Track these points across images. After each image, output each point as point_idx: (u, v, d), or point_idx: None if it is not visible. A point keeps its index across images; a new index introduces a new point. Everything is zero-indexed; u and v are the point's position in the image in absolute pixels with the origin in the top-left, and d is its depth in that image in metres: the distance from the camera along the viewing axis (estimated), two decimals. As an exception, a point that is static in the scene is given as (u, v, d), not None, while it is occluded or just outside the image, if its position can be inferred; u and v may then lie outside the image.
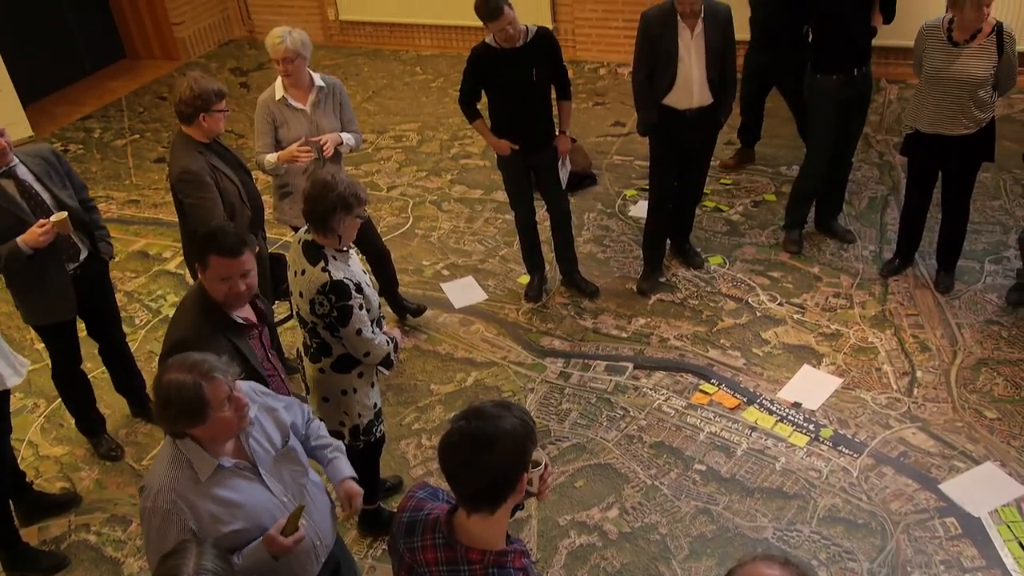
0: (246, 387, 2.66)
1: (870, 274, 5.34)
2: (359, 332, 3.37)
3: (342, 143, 4.63)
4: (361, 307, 3.35)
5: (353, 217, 3.33)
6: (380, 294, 5.21)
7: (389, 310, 5.32)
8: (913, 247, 5.29)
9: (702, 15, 4.73)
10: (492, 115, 4.97)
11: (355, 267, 3.45)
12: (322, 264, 3.31)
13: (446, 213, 6.47)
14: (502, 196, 6.52)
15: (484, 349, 5.12)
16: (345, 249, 3.41)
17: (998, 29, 4.46)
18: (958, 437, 4.22)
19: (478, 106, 4.97)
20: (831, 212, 5.70)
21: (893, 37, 6.96)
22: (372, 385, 3.63)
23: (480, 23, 4.65)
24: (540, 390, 4.77)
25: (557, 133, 5.06)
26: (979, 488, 3.94)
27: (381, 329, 3.54)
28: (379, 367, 3.55)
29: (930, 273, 5.25)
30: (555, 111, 5.00)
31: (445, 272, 5.81)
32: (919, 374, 4.60)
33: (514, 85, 4.78)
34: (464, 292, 5.61)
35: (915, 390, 4.51)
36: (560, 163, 5.12)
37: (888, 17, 5.18)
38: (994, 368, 4.58)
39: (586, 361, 4.94)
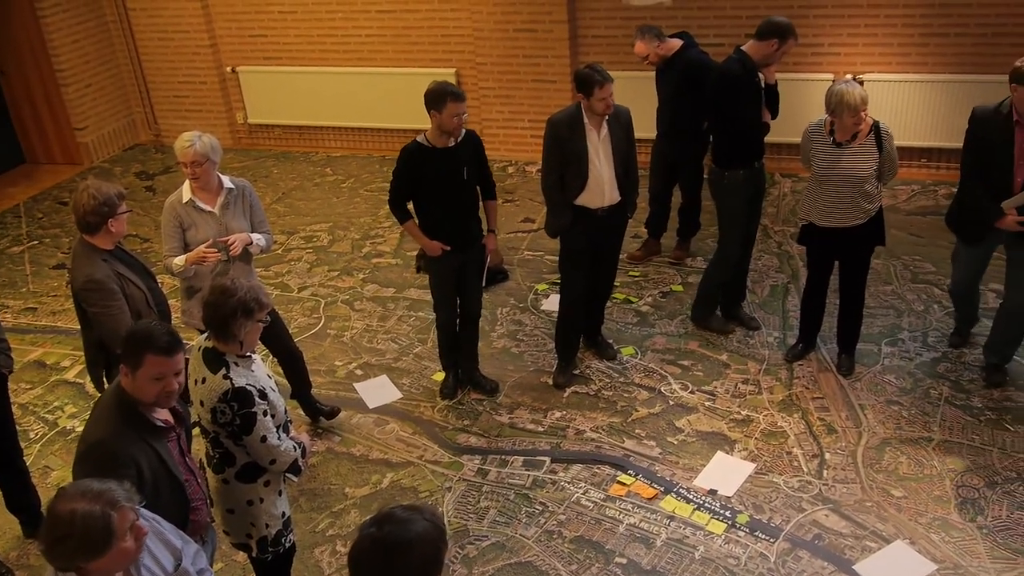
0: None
1: (776, 360, 5.49)
2: (264, 439, 3.28)
3: (251, 243, 4.59)
4: (266, 413, 3.27)
5: (255, 322, 3.27)
6: (292, 396, 5.13)
7: (302, 413, 5.21)
8: (814, 332, 5.49)
9: (610, 114, 4.92)
10: (421, 215, 4.94)
11: (259, 372, 3.37)
12: (223, 371, 3.23)
13: (359, 312, 6.43)
14: (415, 294, 6.55)
15: (400, 449, 5.04)
16: (248, 355, 3.34)
17: (875, 128, 4.77)
18: (868, 517, 4.31)
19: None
20: (736, 300, 5.89)
21: (782, 134, 7.37)
22: (280, 493, 3.52)
23: (388, 124, 4.72)
24: (458, 488, 4.70)
25: (485, 232, 5.11)
26: (891, 567, 4.01)
27: (288, 434, 3.46)
28: (287, 474, 3.45)
29: (832, 357, 5.43)
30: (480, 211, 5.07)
31: (358, 372, 5.74)
32: (827, 456, 4.71)
33: (446, 184, 4.80)
34: (378, 391, 5.53)
35: (825, 472, 4.60)
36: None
37: (774, 114, 5.48)
38: (897, 447, 4.72)
39: (503, 457, 4.90)
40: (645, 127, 8.41)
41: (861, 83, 7.56)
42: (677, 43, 6.19)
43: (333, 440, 5.12)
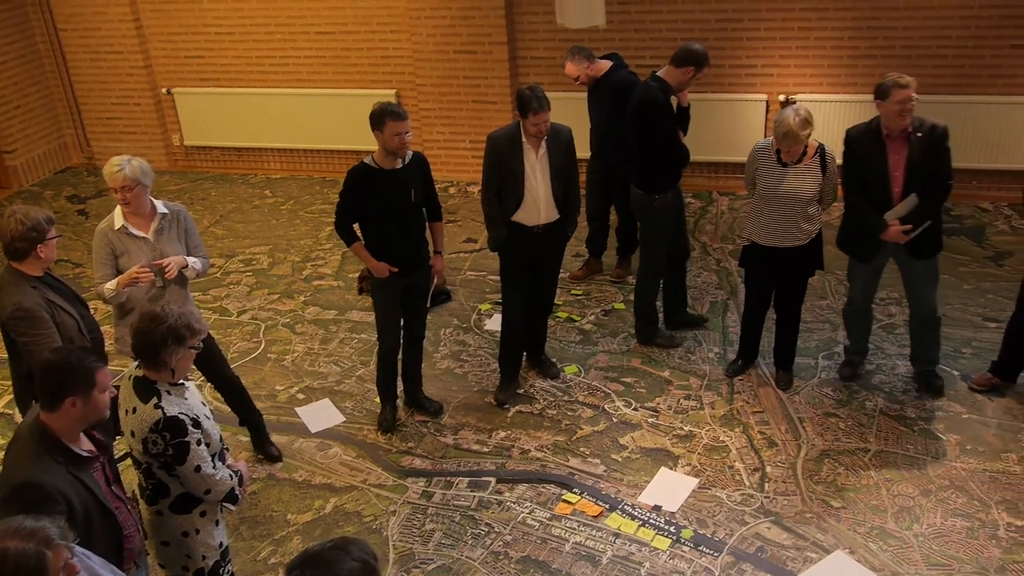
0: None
1: (717, 375, 5.57)
2: (198, 469, 3.20)
3: (187, 266, 4.51)
4: (200, 442, 3.20)
5: (186, 349, 3.20)
6: (241, 425, 5.03)
7: (242, 439, 5.11)
8: (754, 348, 5.58)
9: (545, 136, 4.97)
10: (369, 237, 4.90)
11: (193, 400, 3.30)
12: (155, 400, 3.16)
13: (300, 335, 6.35)
14: (357, 316, 6.50)
15: (343, 473, 4.97)
16: (181, 382, 3.27)
17: (821, 151, 4.90)
18: (809, 528, 4.38)
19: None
20: (679, 308, 6.03)
21: (719, 153, 7.54)
22: (217, 523, 3.44)
23: (329, 146, 4.69)
24: (402, 512, 4.65)
25: (432, 253, 5.10)
26: (832, 577, 4.08)
27: (224, 463, 3.38)
28: (224, 503, 3.38)
29: (771, 372, 5.53)
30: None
31: (300, 396, 5.66)
32: (768, 469, 4.77)
33: (394, 206, 4.78)
34: (320, 415, 5.46)
35: (766, 485, 4.67)
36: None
37: (685, 131, 5.58)
38: (835, 458, 4.81)
39: (448, 478, 4.86)
40: (583, 147, 8.52)
41: (794, 104, 7.75)
42: (607, 64, 6.29)
43: (275, 466, 5.03)
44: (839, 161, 5.01)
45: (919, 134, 4.72)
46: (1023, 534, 4.24)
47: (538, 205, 5.06)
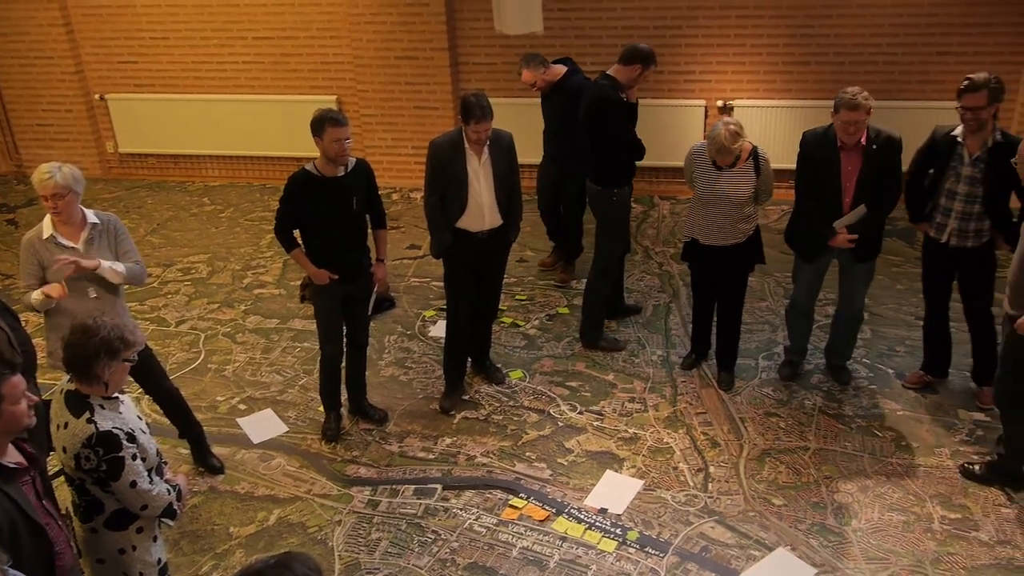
0: None
1: (660, 378, 5.63)
2: (134, 484, 3.12)
3: (99, 266, 4.27)
4: (135, 457, 3.12)
5: (120, 362, 3.12)
6: (180, 437, 4.92)
7: (182, 452, 5.01)
8: (706, 340, 5.67)
9: (487, 142, 4.97)
10: (309, 244, 4.85)
11: (128, 413, 3.22)
12: (87, 415, 3.07)
13: (241, 345, 6.24)
14: (299, 324, 6.42)
15: (287, 484, 4.90)
16: (115, 396, 3.19)
17: (754, 153, 4.99)
18: (752, 526, 4.44)
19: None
20: (617, 302, 6.19)
21: (660, 158, 7.62)
22: (155, 539, 3.35)
23: (269, 152, 4.63)
24: (348, 522, 4.60)
25: (375, 261, 5.06)
26: (775, 574, 4.14)
27: (162, 477, 3.31)
28: (162, 519, 3.30)
29: (714, 373, 5.60)
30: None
31: (242, 407, 5.57)
32: (712, 469, 4.84)
33: (336, 213, 4.74)
34: (263, 426, 5.37)
35: (710, 485, 4.72)
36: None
37: (633, 126, 5.70)
38: (776, 457, 4.90)
39: (394, 487, 4.83)
40: (526, 152, 8.55)
41: (731, 109, 7.90)
42: (562, 69, 6.42)
43: (216, 478, 4.94)
44: (793, 165, 5.12)
45: (874, 146, 4.79)
46: (956, 527, 4.37)
47: (482, 211, 5.06)
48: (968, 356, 5.26)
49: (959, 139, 4.67)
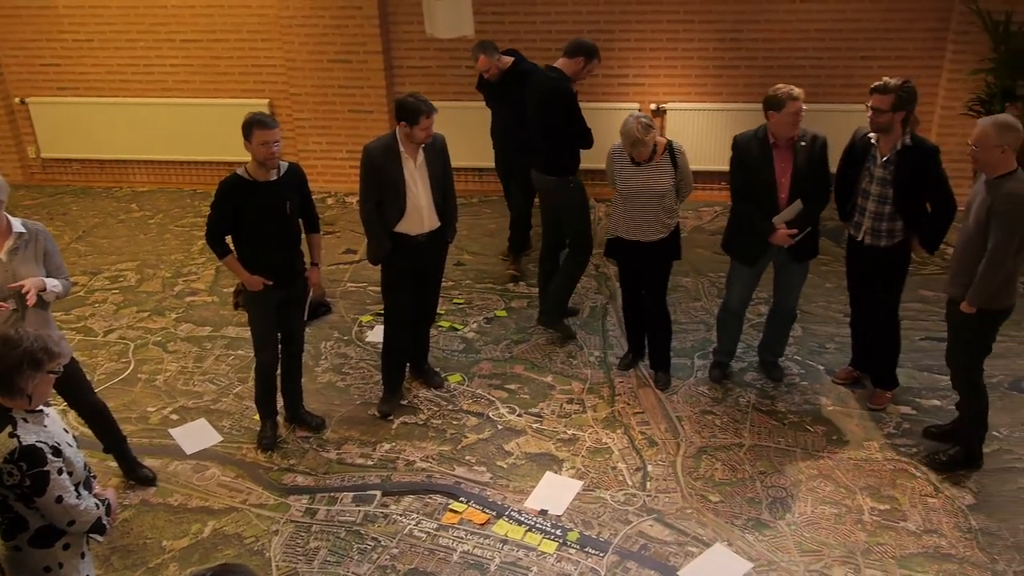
0: None
1: (598, 378, 5.67)
2: (60, 500, 3.02)
3: (45, 288, 4.24)
4: (61, 471, 3.02)
5: (44, 374, 3.02)
6: (106, 451, 4.78)
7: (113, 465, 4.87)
8: (641, 341, 5.73)
9: (422, 145, 4.96)
10: (242, 250, 4.77)
11: (53, 427, 3.11)
12: (9, 429, 2.96)
13: (172, 354, 6.10)
14: (233, 332, 6.30)
15: (221, 495, 4.80)
16: (39, 409, 3.08)
17: (669, 147, 5.10)
18: (689, 523, 4.50)
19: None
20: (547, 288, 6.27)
21: (594, 160, 7.67)
22: (83, 556, 3.25)
23: (199, 157, 4.54)
24: (285, 531, 4.52)
25: (309, 265, 5.00)
26: (712, 570, 4.20)
27: (90, 491, 3.21)
28: (90, 535, 3.20)
29: (651, 372, 5.66)
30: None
31: (174, 417, 5.44)
32: (650, 468, 4.89)
33: (268, 218, 4.67)
34: (196, 436, 5.26)
35: (648, 484, 4.77)
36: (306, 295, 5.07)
37: None
38: (712, 454, 4.97)
39: (332, 494, 4.77)
40: (464, 155, 8.55)
41: (664, 112, 8.01)
42: (509, 59, 6.56)
43: (147, 491, 4.81)
44: (725, 167, 5.22)
45: (803, 143, 4.93)
46: (885, 517, 4.49)
47: (421, 214, 5.04)
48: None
49: (873, 140, 4.82)
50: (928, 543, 4.32)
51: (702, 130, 7.99)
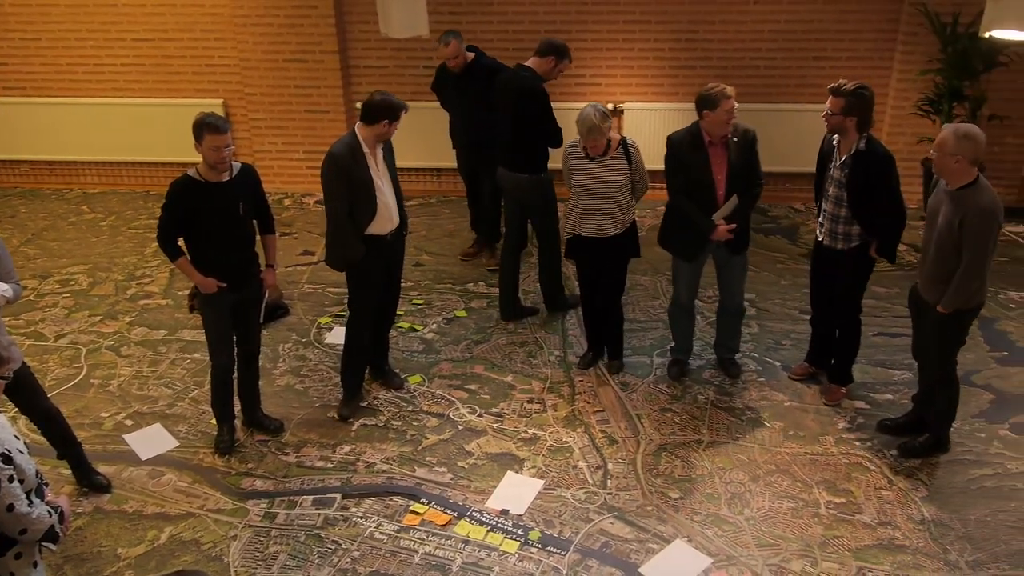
0: None
1: (558, 377, 5.68)
2: (11, 508, 2.95)
3: None
4: (12, 479, 2.95)
5: None
6: (59, 458, 4.69)
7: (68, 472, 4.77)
8: (600, 339, 5.76)
9: (379, 143, 4.94)
10: (195, 252, 4.71)
11: (3, 433, 3.04)
12: None
13: (126, 358, 5.99)
14: (188, 335, 6.22)
15: (178, 501, 4.73)
16: None
17: (623, 143, 5.15)
18: (650, 520, 4.53)
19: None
20: (516, 300, 6.39)
21: (554, 161, 7.69)
22: (35, 565, 3.17)
23: (151, 158, 4.47)
24: (244, 536, 4.47)
25: (264, 267, 4.94)
26: (672, 566, 4.24)
27: (42, 499, 3.14)
28: (43, 543, 3.13)
29: (608, 369, 5.69)
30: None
31: (128, 422, 5.34)
32: (610, 466, 4.91)
33: (221, 219, 4.61)
34: (151, 441, 5.17)
35: (608, 481, 4.80)
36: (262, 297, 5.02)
37: None
38: (672, 451, 5.01)
39: (292, 498, 4.72)
40: (422, 156, 8.53)
41: (621, 112, 8.06)
42: (471, 53, 6.61)
43: (102, 498, 4.72)
44: (660, 165, 5.27)
45: (735, 139, 5.01)
46: (841, 510, 4.56)
47: (389, 212, 5.02)
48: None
49: (834, 143, 4.90)
50: (883, 535, 4.39)
51: (659, 129, 8.02)
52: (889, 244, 4.92)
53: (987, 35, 5.27)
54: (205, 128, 4.42)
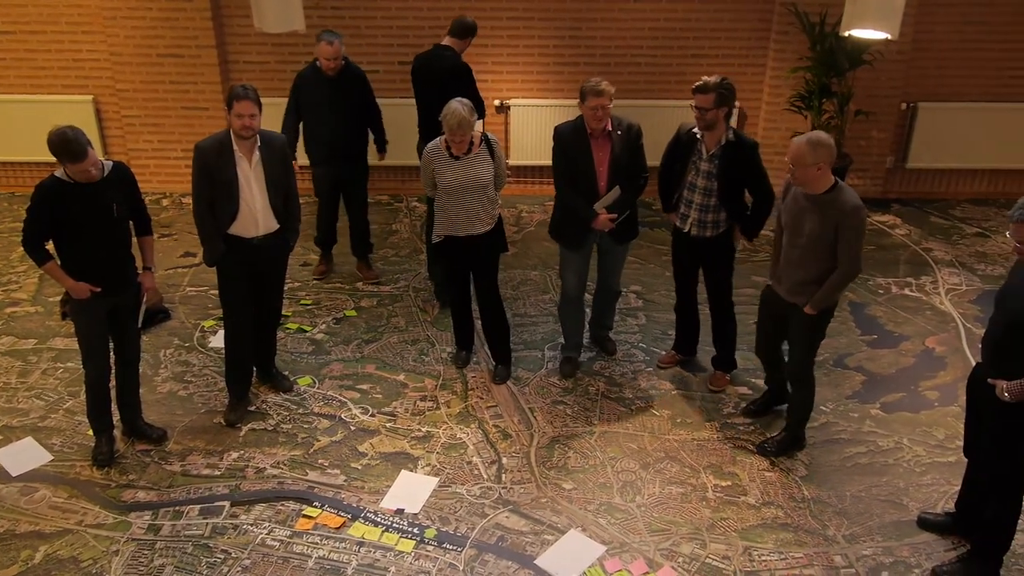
0: None
1: (451, 374, 5.67)
2: None
3: None
4: None
5: None
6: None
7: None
8: (470, 336, 5.78)
9: (258, 144, 4.80)
10: (65, 256, 4.49)
11: None
12: None
13: (-8, 370, 5.67)
14: (61, 343, 5.93)
15: (53, 517, 4.49)
16: None
17: (485, 138, 5.21)
18: (545, 512, 4.58)
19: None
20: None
21: (415, 158, 7.67)
22: None
23: (15, 157, 4.24)
24: (126, 551, 4.29)
25: (141, 270, 4.74)
26: (567, 555, 4.30)
27: None
28: None
29: (494, 377, 5.67)
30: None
31: (-4, 437, 5.06)
32: (504, 460, 4.94)
33: (93, 222, 4.41)
34: (22, 456, 4.90)
35: (503, 476, 4.82)
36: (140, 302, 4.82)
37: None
38: (565, 443, 5.08)
39: (177, 508, 4.56)
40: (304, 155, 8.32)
41: (508, 108, 8.10)
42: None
43: (-32, 519, 4.45)
44: (549, 160, 5.33)
45: (619, 132, 5.12)
46: (727, 493, 4.72)
47: (255, 216, 4.88)
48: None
49: (698, 136, 5.06)
50: (767, 515, 4.57)
51: (545, 125, 8.12)
52: (755, 225, 5.15)
53: (847, 34, 5.53)
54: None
